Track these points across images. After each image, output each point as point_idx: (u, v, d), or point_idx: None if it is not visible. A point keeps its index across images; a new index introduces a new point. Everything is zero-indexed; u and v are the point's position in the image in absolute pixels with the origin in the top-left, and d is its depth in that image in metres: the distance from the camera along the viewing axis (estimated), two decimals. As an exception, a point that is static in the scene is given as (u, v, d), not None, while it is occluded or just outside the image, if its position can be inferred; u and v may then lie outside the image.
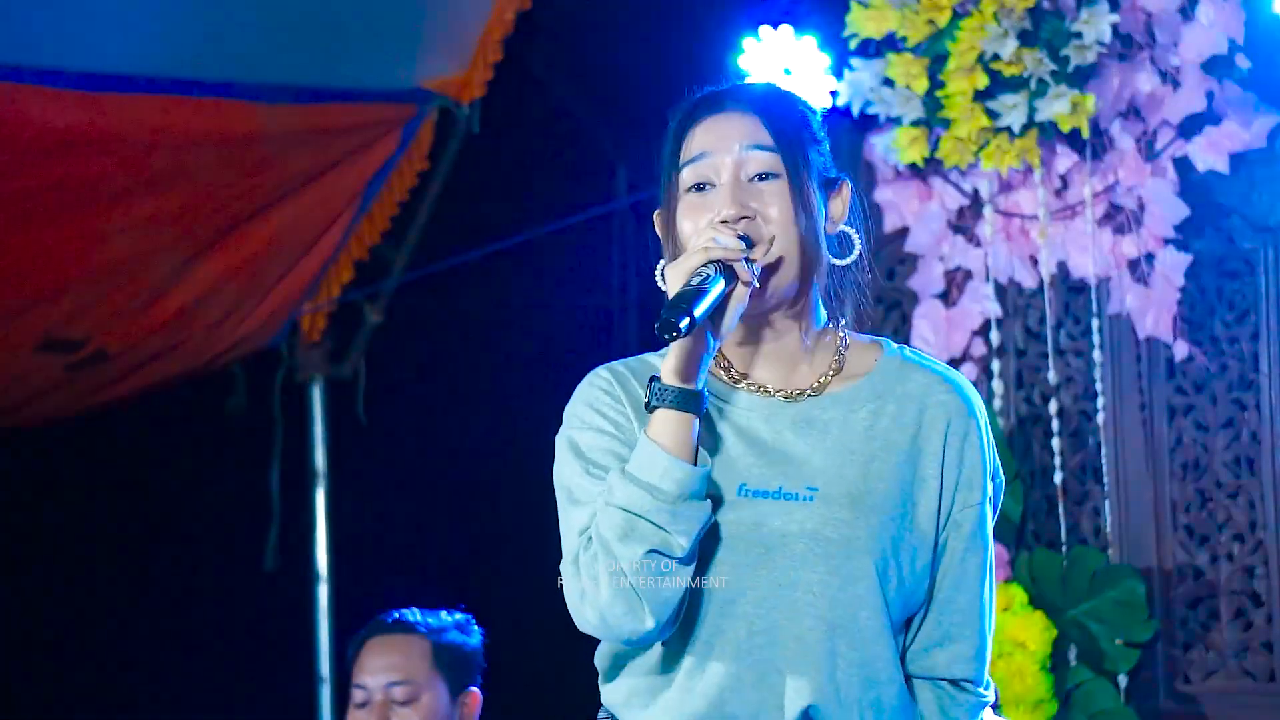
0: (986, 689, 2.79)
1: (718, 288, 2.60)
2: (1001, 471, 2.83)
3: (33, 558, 6.60)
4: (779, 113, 2.76)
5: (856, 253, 2.78)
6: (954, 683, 2.77)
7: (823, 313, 2.79)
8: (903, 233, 5.21)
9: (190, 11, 5.36)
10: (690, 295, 2.58)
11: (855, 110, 5.07)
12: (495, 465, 5.90)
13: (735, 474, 2.70)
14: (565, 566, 2.68)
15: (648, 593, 2.60)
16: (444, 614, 4.25)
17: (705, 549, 2.66)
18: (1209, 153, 4.87)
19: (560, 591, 2.72)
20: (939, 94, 4.90)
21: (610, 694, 2.77)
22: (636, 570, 2.60)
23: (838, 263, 2.77)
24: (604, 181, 6.10)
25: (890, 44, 5.01)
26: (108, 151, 5.46)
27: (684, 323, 2.55)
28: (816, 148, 2.78)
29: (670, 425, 2.62)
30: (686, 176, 2.74)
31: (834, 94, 5.08)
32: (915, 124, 4.98)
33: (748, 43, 5.15)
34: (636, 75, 5.63)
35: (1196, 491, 4.95)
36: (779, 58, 5.14)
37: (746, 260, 2.64)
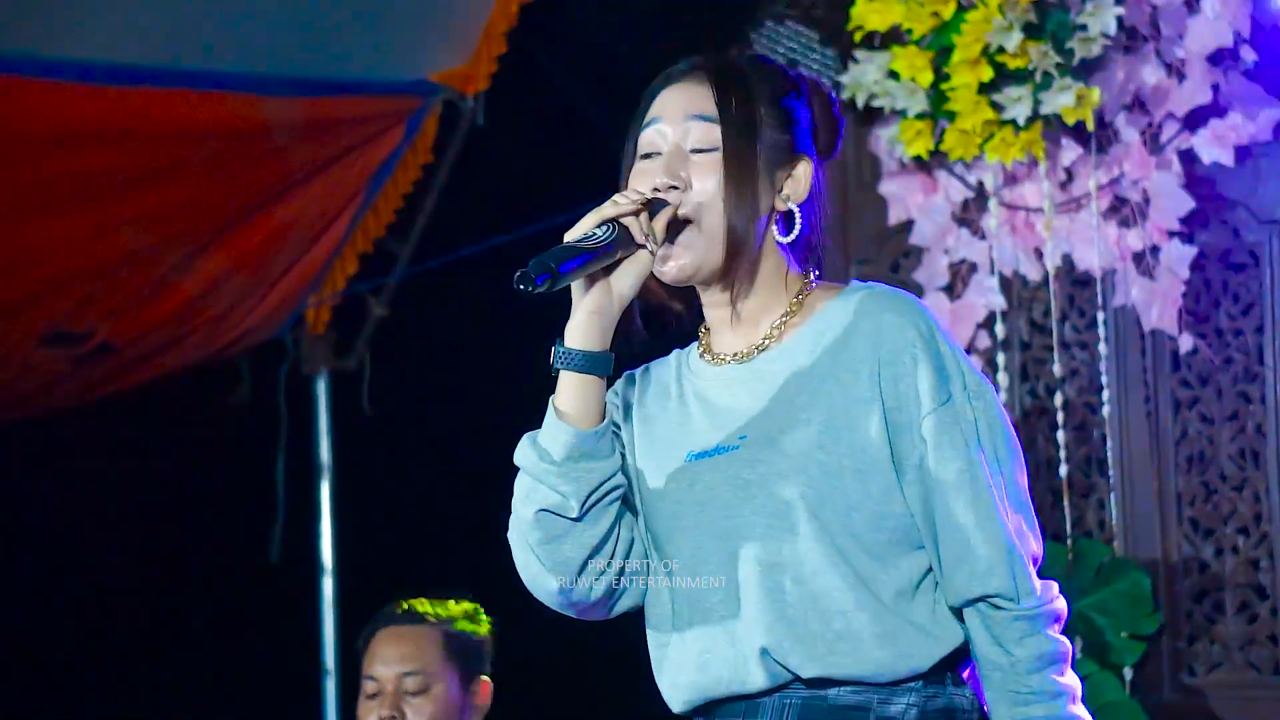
0: (1031, 600, 2.64)
1: (600, 247, 2.62)
2: (978, 374, 2.72)
3: (36, 549, 6.60)
4: (733, 83, 2.75)
5: (794, 234, 2.74)
6: (987, 600, 2.65)
7: (787, 279, 2.77)
8: (907, 226, 5.21)
9: (195, 4, 5.36)
10: (562, 251, 2.61)
11: (860, 103, 5.07)
12: (500, 458, 5.89)
13: (689, 443, 2.73)
14: (508, 538, 2.77)
15: (545, 553, 2.68)
16: (453, 603, 4.26)
17: (661, 524, 2.71)
18: (1214, 145, 4.87)
19: None
20: (944, 87, 4.90)
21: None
22: (533, 529, 2.67)
23: (781, 240, 2.75)
24: (609, 174, 6.09)
25: (895, 37, 5.01)
26: (113, 144, 5.46)
27: (541, 276, 2.57)
28: (775, 122, 2.75)
29: (566, 387, 2.68)
30: (640, 143, 2.78)
31: (839, 86, 5.08)
32: (920, 117, 4.98)
33: (752, 35, 5.16)
34: (641, 67, 5.62)
35: (1201, 484, 4.95)
36: (783, 50, 5.15)
37: (655, 227, 2.67)
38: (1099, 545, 4.94)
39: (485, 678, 4.19)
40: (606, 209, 2.67)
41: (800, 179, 2.76)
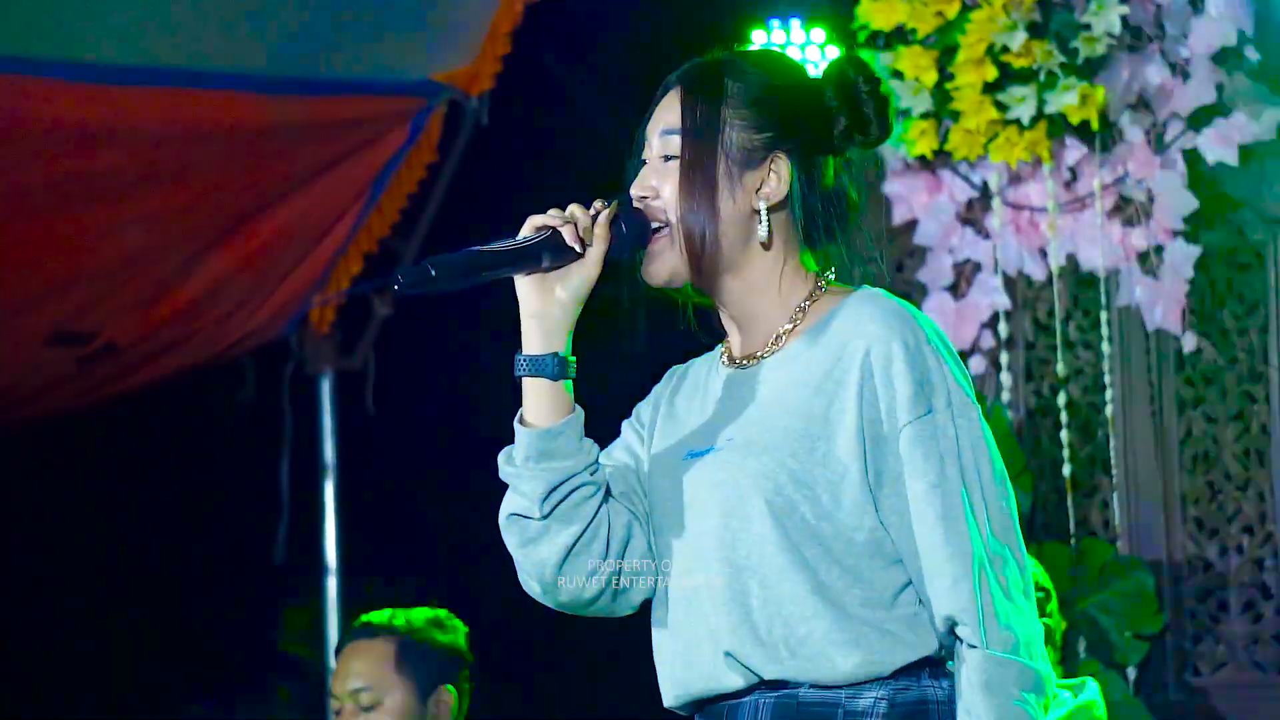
0: (988, 643, 2.56)
1: (510, 250, 2.70)
2: (968, 387, 2.65)
3: (40, 549, 6.60)
4: (696, 91, 2.75)
5: (764, 234, 2.71)
6: (952, 630, 2.61)
7: (792, 280, 2.75)
8: (912, 225, 5.21)
9: (199, 3, 5.36)
10: (456, 256, 2.68)
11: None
12: (504, 458, 5.89)
13: (691, 443, 2.74)
14: None
15: (522, 556, 2.73)
16: (416, 611, 4.21)
17: (659, 521, 2.73)
18: (1218, 145, 4.87)
19: None
20: (948, 86, 4.90)
21: None
22: (508, 535, 2.74)
23: (761, 240, 2.72)
24: (613, 174, 6.09)
25: (899, 36, 5.01)
26: (117, 144, 5.47)
27: (411, 276, 2.63)
28: (747, 123, 2.72)
29: (528, 392, 2.72)
30: (639, 157, 2.82)
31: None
32: (924, 116, 4.98)
33: (757, 35, 5.16)
34: (644, 67, 5.62)
35: (1206, 484, 4.96)
36: (788, 50, 5.15)
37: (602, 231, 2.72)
38: (1103, 545, 4.94)
39: (447, 687, 4.15)
40: (539, 216, 2.74)
41: (781, 176, 2.72)
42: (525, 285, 2.72)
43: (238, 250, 6.03)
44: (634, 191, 2.76)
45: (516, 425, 2.72)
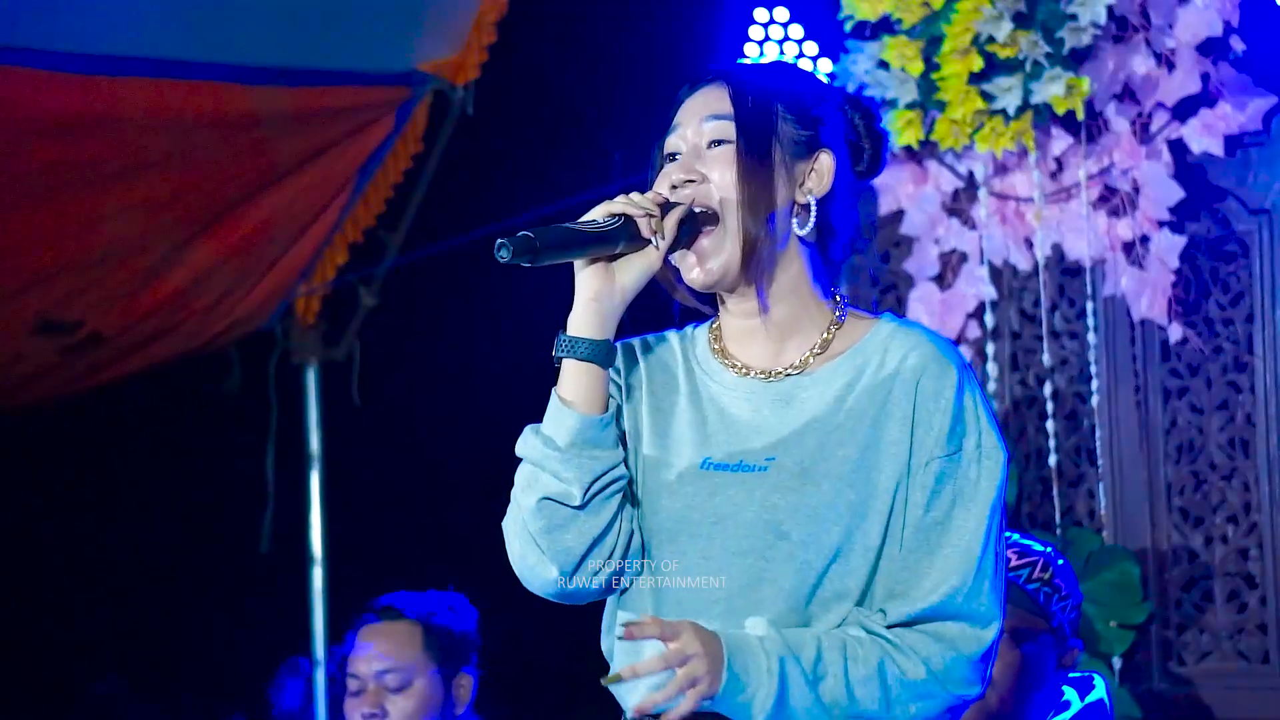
0: (903, 640, 2.63)
1: (597, 233, 2.66)
2: (998, 432, 2.72)
3: (26, 538, 6.60)
4: (749, 82, 2.77)
5: (810, 224, 2.75)
6: (866, 626, 2.67)
7: (812, 291, 2.78)
8: (898, 215, 5.21)
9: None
10: (551, 229, 2.65)
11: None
12: (490, 447, 5.89)
13: (704, 449, 2.72)
14: (503, 527, 2.75)
15: (547, 541, 2.67)
16: (436, 596, 4.24)
17: (665, 522, 2.70)
18: (1204, 135, 4.87)
19: None
20: (934, 76, 4.90)
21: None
22: (535, 518, 2.67)
23: (799, 233, 2.76)
24: (599, 164, 6.10)
25: (885, 26, 5.01)
26: (102, 134, 5.46)
27: (519, 247, 2.62)
28: (793, 120, 2.76)
29: (570, 376, 2.69)
30: (664, 148, 2.80)
31: (831, 76, 5.08)
32: (910, 106, 4.98)
33: (743, 27, 5.16)
34: (631, 57, 5.63)
35: (1191, 474, 4.96)
36: (774, 40, 5.15)
37: (676, 221, 2.69)
38: (1088, 534, 4.94)
39: (468, 672, 4.17)
40: (616, 202, 2.69)
41: (823, 172, 2.76)
42: (592, 269, 2.70)
43: (223, 240, 6.02)
44: (678, 175, 2.74)
45: (561, 408, 2.68)
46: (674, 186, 2.73)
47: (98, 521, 6.62)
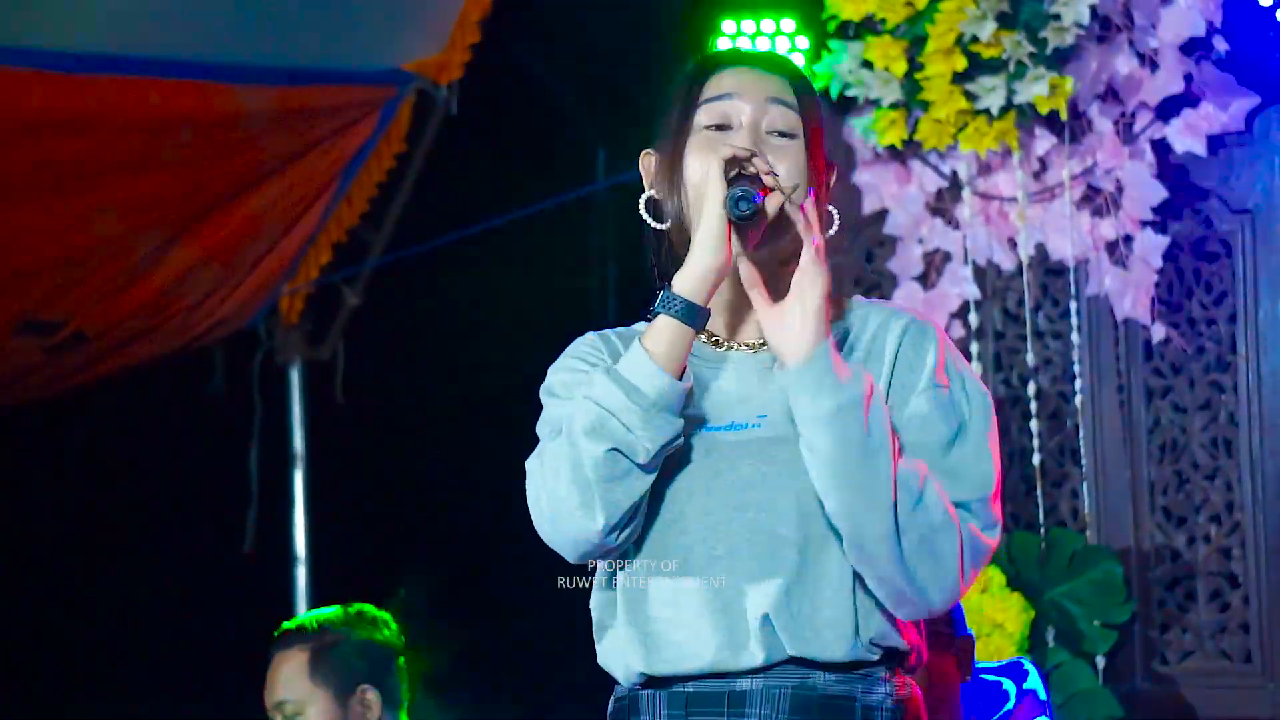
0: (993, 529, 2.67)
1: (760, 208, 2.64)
2: (987, 393, 2.73)
3: (8, 538, 6.59)
4: (802, 82, 2.79)
5: (834, 228, 2.76)
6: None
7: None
8: (881, 215, 5.21)
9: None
10: (750, 183, 2.63)
11: (834, 93, 5.07)
12: (474, 447, 5.90)
13: (701, 417, 2.71)
14: (530, 462, 2.69)
15: (602, 489, 2.61)
16: (327, 614, 4.17)
17: (660, 485, 2.67)
18: (1187, 135, 4.88)
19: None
20: (917, 76, 4.91)
21: (605, 655, 2.75)
22: (596, 465, 2.61)
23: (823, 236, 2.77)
24: (583, 163, 6.10)
25: (869, 26, 5.01)
26: (85, 133, 5.45)
27: (748, 204, 2.60)
28: (825, 126, 2.81)
29: (666, 334, 2.64)
30: (704, 115, 2.74)
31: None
32: (894, 106, 4.99)
33: (727, 24, 5.16)
34: (615, 57, 5.63)
35: (1174, 473, 4.97)
36: (758, 39, 5.15)
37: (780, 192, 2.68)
38: (1072, 534, 4.95)
39: (367, 686, 4.10)
40: (743, 154, 2.65)
41: (832, 181, 2.80)
42: (733, 240, 2.65)
43: (206, 240, 6.02)
44: (760, 164, 2.66)
45: (650, 363, 2.62)
46: (746, 167, 2.68)
47: (81, 521, 6.60)
